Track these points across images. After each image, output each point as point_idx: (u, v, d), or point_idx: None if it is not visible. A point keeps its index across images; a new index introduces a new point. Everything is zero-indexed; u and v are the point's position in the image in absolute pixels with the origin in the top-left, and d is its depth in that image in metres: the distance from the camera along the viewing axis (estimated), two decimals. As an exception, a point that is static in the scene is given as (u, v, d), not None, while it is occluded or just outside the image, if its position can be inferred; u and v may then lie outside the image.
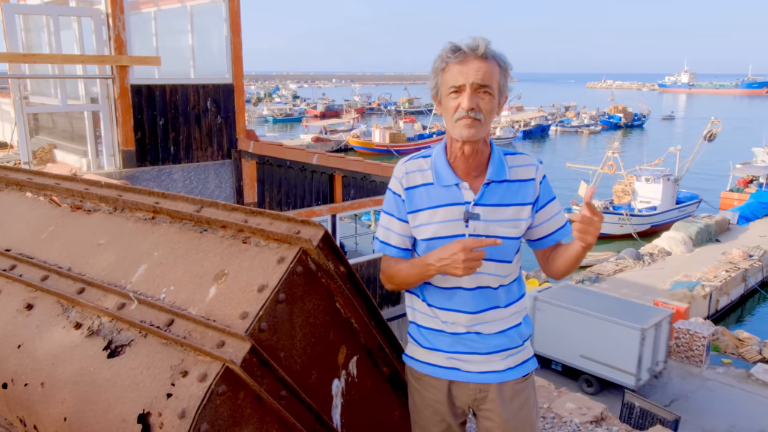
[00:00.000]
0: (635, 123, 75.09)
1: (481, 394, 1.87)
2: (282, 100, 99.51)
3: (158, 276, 1.64)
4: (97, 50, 7.06)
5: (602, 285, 19.40)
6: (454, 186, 1.80)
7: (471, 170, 1.81)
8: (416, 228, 1.84)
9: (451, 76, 1.72)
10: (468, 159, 1.79)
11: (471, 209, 1.78)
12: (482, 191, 1.79)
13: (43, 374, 1.58)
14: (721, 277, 19.47)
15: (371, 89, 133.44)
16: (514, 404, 1.88)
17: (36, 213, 2.15)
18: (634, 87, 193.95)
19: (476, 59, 1.70)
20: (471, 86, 1.69)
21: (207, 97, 7.68)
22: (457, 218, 1.78)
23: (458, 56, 1.71)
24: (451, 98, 1.73)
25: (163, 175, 7.31)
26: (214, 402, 1.33)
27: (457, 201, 1.80)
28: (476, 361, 1.86)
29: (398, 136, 50.36)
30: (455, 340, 1.85)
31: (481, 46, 1.70)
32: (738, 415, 12.01)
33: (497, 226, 1.79)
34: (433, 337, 1.88)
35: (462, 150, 1.78)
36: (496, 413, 1.86)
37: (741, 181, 33.26)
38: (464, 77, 1.70)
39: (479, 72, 1.69)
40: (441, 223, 1.79)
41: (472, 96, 1.70)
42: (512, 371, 1.88)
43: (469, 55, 1.70)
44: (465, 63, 1.70)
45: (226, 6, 7.67)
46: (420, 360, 1.92)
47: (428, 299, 1.88)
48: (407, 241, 1.88)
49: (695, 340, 14.09)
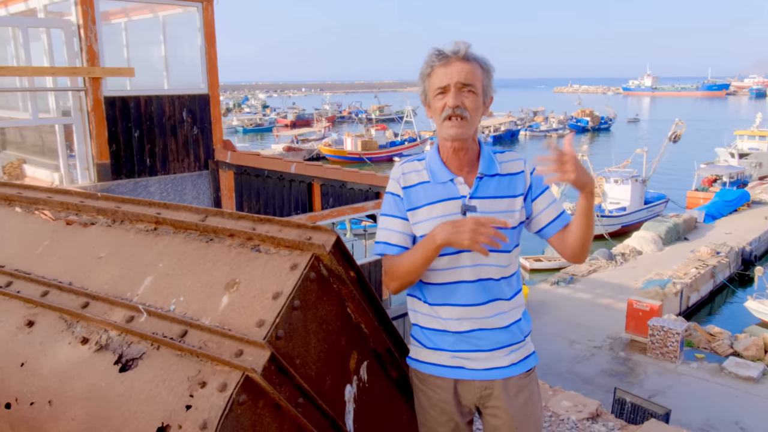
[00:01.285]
0: (602, 126, 76.60)
1: (487, 392, 1.90)
2: (251, 110, 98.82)
3: (166, 287, 1.62)
4: (69, 62, 6.92)
5: (577, 286, 19.70)
6: (449, 182, 1.90)
7: (463, 166, 1.91)
8: (416, 225, 1.90)
9: (436, 78, 1.84)
10: (459, 156, 1.90)
11: (468, 202, 1.86)
12: (476, 185, 1.89)
13: (50, 392, 1.54)
14: (691, 274, 19.94)
15: (341, 97, 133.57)
16: (519, 399, 1.91)
17: (28, 228, 2.10)
18: (600, 91, 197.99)
19: (458, 61, 1.82)
20: (455, 86, 1.81)
21: (183, 107, 7.59)
22: (454, 212, 1.86)
23: (442, 60, 1.83)
24: (437, 99, 1.85)
25: (140, 187, 7.19)
26: (235, 411, 1.32)
27: (454, 195, 1.88)
28: (480, 358, 1.89)
29: (370, 143, 50.44)
30: (458, 339, 1.89)
31: (462, 49, 1.83)
32: (712, 409, 12.28)
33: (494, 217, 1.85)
34: (436, 337, 1.91)
35: (452, 147, 1.89)
36: (502, 409, 1.90)
37: (705, 181, 34.17)
38: (448, 78, 1.82)
39: (462, 72, 1.81)
40: (440, 217, 1.86)
41: (457, 94, 1.81)
42: (516, 366, 1.92)
43: (451, 57, 1.83)
44: (448, 65, 1.82)
45: (200, 16, 7.61)
46: (424, 361, 1.94)
47: (429, 299, 1.92)
48: (408, 239, 1.92)
49: (669, 337, 14.38)
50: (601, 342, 15.56)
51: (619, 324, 16.06)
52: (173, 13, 7.93)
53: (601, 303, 18.32)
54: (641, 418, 8.34)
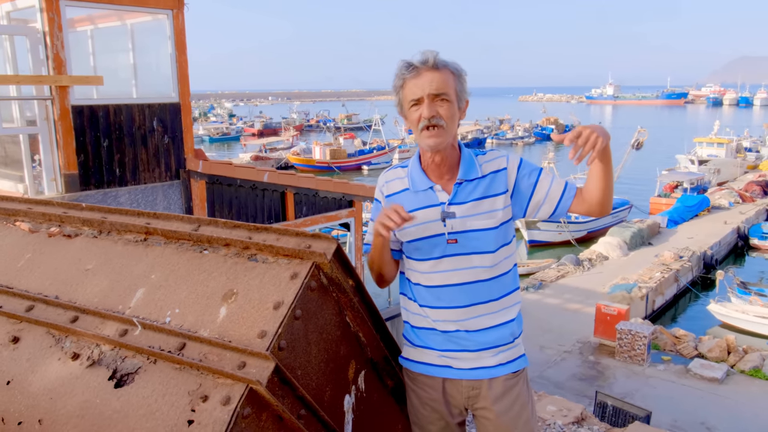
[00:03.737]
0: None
1: (474, 392, 1.93)
2: (218, 119, 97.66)
3: (160, 299, 1.58)
4: (34, 70, 6.73)
5: (546, 291, 19.96)
6: (429, 189, 1.93)
7: (444, 174, 1.94)
8: (400, 232, 1.94)
9: (409, 90, 1.86)
10: (439, 165, 1.92)
11: (446, 209, 1.89)
12: (455, 191, 1.91)
13: (40, 410, 1.48)
14: (656, 278, 20.40)
15: (309, 106, 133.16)
16: (506, 400, 1.93)
17: (7, 240, 2.02)
18: (564, 99, 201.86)
19: (428, 71, 1.83)
20: (428, 97, 1.82)
21: (153, 116, 7.45)
22: (434, 219, 1.89)
23: (412, 71, 1.84)
24: (412, 111, 1.87)
25: (109, 198, 7.02)
26: (239, 425, 1.29)
27: (433, 203, 1.92)
28: (467, 358, 1.91)
29: (339, 152, 50.38)
30: (446, 339, 1.91)
31: (431, 59, 1.83)
32: (679, 410, 12.55)
33: (473, 220, 1.89)
34: (425, 335, 1.95)
35: (432, 159, 1.91)
36: (489, 410, 1.92)
37: (667, 187, 35.07)
38: (420, 89, 1.83)
39: (433, 82, 1.82)
40: (421, 224, 1.90)
41: (431, 105, 1.82)
42: (503, 367, 1.94)
43: (421, 68, 1.83)
44: (419, 76, 1.83)
45: (171, 23, 7.50)
46: (414, 360, 1.97)
47: (419, 300, 1.95)
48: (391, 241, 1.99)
49: (637, 340, 14.66)
50: (571, 346, 15.78)
51: (587, 328, 16.31)
52: (142, 21, 7.79)
53: (570, 308, 18.59)
54: (623, 420, 8.47)
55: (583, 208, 1.93)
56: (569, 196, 1.93)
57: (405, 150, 55.63)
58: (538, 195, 1.94)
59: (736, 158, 43.60)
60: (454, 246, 1.88)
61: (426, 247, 1.90)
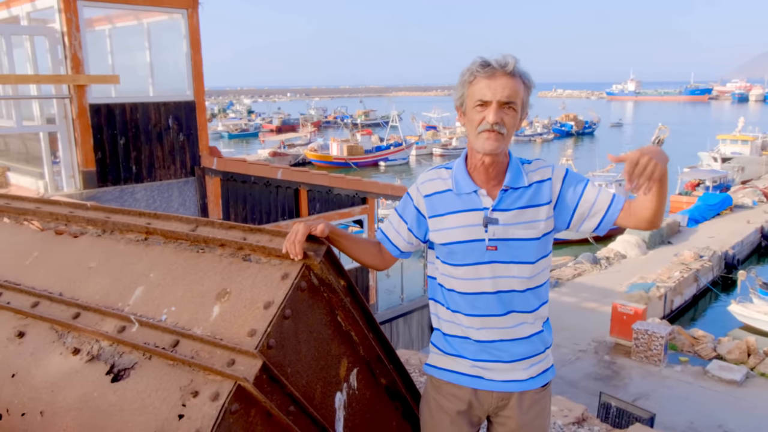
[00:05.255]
0: (586, 130, 77.31)
1: (503, 402, 1.91)
2: (236, 115, 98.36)
3: (157, 297, 1.63)
4: (53, 69, 6.88)
5: (562, 290, 19.83)
6: (473, 193, 1.87)
7: (490, 179, 1.87)
8: (436, 232, 1.90)
9: (478, 89, 1.78)
10: (488, 169, 1.86)
11: (489, 214, 1.84)
12: (500, 197, 1.86)
13: (41, 402, 1.55)
14: (675, 278, 20.15)
15: (327, 102, 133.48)
16: (532, 413, 1.92)
17: (17, 239, 2.10)
18: (584, 96, 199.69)
19: (504, 76, 1.76)
20: (497, 102, 1.75)
21: (168, 114, 7.57)
22: (476, 223, 1.84)
23: (487, 71, 1.76)
24: (476, 111, 1.79)
25: (126, 194, 7.16)
26: (227, 421, 1.34)
27: (476, 207, 1.86)
28: (500, 369, 1.88)
29: (356, 148, 50.47)
30: (480, 348, 1.88)
31: (510, 64, 1.76)
32: (696, 412, 12.41)
33: (515, 229, 1.84)
34: (458, 344, 1.91)
35: (482, 161, 1.84)
36: (513, 420, 1.91)
37: (689, 185, 34.56)
38: (492, 93, 1.76)
39: (506, 89, 1.75)
40: (461, 227, 1.85)
41: (498, 111, 1.76)
42: (534, 380, 1.92)
43: (497, 71, 1.76)
44: (493, 78, 1.76)
45: (186, 22, 7.60)
46: (443, 368, 1.94)
47: (451, 305, 1.91)
48: (399, 237, 1.98)
49: (653, 340, 14.52)
50: (586, 345, 15.67)
51: (603, 327, 16.18)
52: (158, 20, 7.91)
53: (586, 307, 18.46)
54: (626, 422, 8.41)
55: (632, 222, 1.86)
56: (616, 209, 1.86)
57: (422, 147, 55.55)
58: (583, 207, 1.88)
59: (761, 156, 42.80)
60: (493, 253, 1.83)
61: (462, 252, 1.85)
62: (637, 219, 1.83)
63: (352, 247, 1.89)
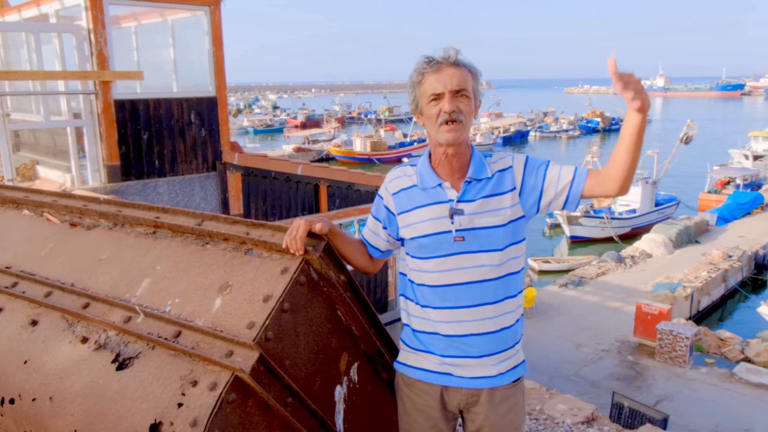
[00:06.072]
0: (612, 127, 76.12)
1: (473, 399, 1.93)
2: (262, 110, 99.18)
3: (163, 289, 1.68)
4: (79, 66, 7.03)
5: (585, 288, 19.61)
6: (438, 186, 1.93)
7: (454, 172, 1.94)
8: (405, 228, 1.95)
9: (429, 85, 1.85)
10: (451, 161, 1.92)
11: (455, 206, 1.89)
12: (464, 189, 1.92)
13: (51, 389, 1.60)
14: (702, 278, 19.77)
15: (351, 98, 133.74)
16: (502, 408, 1.94)
17: (34, 230, 2.17)
18: (611, 91, 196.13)
19: (450, 67, 1.84)
20: (450, 92, 1.83)
21: (190, 110, 7.68)
22: (442, 216, 1.90)
23: (433, 66, 1.85)
24: (431, 106, 1.86)
25: (149, 188, 7.29)
26: (224, 410, 1.37)
27: (442, 199, 1.92)
28: (468, 365, 1.90)
29: (379, 144, 50.49)
30: (448, 344, 1.90)
31: (453, 55, 1.85)
32: (722, 415, 12.17)
33: (480, 218, 1.89)
34: (426, 339, 1.93)
35: (445, 153, 1.91)
36: (484, 416, 1.93)
37: (718, 183, 33.84)
38: (442, 84, 1.83)
39: (454, 78, 1.83)
40: (428, 220, 1.91)
41: (452, 100, 1.83)
42: (503, 376, 1.94)
43: (442, 64, 1.84)
44: (440, 71, 1.84)
45: (208, 19, 7.70)
46: (412, 366, 1.96)
47: (420, 300, 1.93)
48: (377, 237, 2.03)
49: (678, 341, 14.28)
50: (609, 345, 15.48)
51: (627, 327, 15.96)
52: (182, 17, 8.02)
53: (610, 306, 18.22)
54: (639, 423, 8.31)
55: (600, 189, 1.89)
56: (580, 181, 1.90)
57: (446, 143, 55.21)
58: (548, 187, 1.93)
59: (795, 154, 41.67)
60: (461, 244, 1.87)
61: (431, 245, 1.89)
62: (606, 183, 1.87)
63: (345, 248, 1.91)
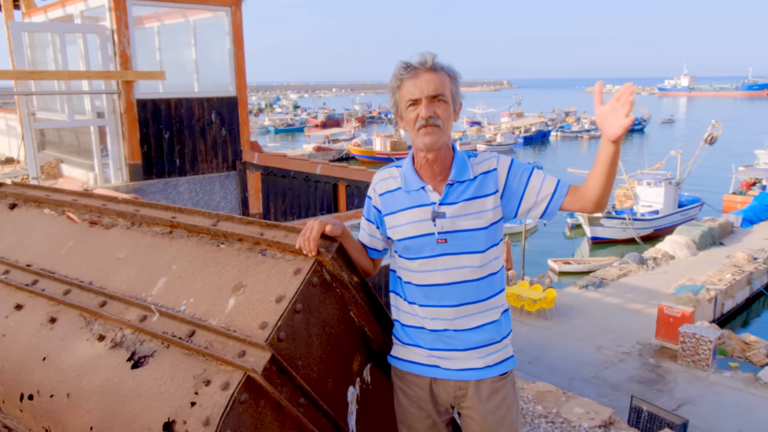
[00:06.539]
0: (636, 127, 75.13)
1: (461, 392, 1.96)
2: (283, 110, 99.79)
3: (178, 288, 1.70)
4: (103, 66, 7.15)
5: (606, 290, 19.39)
6: (421, 189, 1.96)
7: (436, 175, 1.97)
8: (391, 229, 1.99)
9: (407, 90, 1.89)
10: (432, 165, 1.95)
11: (437, 209, 1.92)
12: (446, 191, 1.94)
13: (68, 385, 1.63)
14: (726, 280, 19.42)
15: (372, 98, 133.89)
16: (492, 402, 1.96)
17: (55, 229, 2.21)
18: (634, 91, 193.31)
19: (426, 72, 1.87)
20: (426, 98, 1.86)
21: (211, 109, 7.76)
22: (425, 218, 1.92)
23: (410, 72, 1.88)
24: (410, 111, 1.90)
25: (170, 187, 7.38)
26: (236, 409, 1.38)
27: (424, 202, 1.95)
28: (456, 358, 1.94)
29: (399, 143, 50.48)
30: (435, 338, 1.94)
31: (429, 60, 1.87)
32: (746, 420, 11.95)
33: (462, 221, 1.92)
34: (414, 333, 1.98)
35: (426, 158, 1.94)
36: (475, 410, 1.95)
37: (744, 184, 33.21)
38: (419, 90, 1.86)
39: (431, 83, 1.86)
40: (411, 223, 1.94)
41: (429, 105, 1.86)
42: (490, 369, 1.96)
43: (419, 69, 1.87)
44: (417, 77, 1.87)
45: (229, 19, 7.77)
46: (402, 358, 2.00)
47: (408, 297, 1.98)
48: (372, 239, 2.07)
49: (701, 344, 14.05)
50: (630, 348, 15.28)
51: (649, 330, 15.74)
52: (203, 17, 8.11)
53: (631, 308, 17.99)
54: (658, 427, 8.18)
55: (578, 205, 1.93)
56: (561, 194, 1.93)
57: (466, 143, 55.12)
58: (529, 194, 1.95)
59: (823, 155, 40.70)
60: (443, 246, 1.91)
61: (416, 246, 1.92)
62: (584, 199, 1.90)
63: (352, 251, 1.92)
